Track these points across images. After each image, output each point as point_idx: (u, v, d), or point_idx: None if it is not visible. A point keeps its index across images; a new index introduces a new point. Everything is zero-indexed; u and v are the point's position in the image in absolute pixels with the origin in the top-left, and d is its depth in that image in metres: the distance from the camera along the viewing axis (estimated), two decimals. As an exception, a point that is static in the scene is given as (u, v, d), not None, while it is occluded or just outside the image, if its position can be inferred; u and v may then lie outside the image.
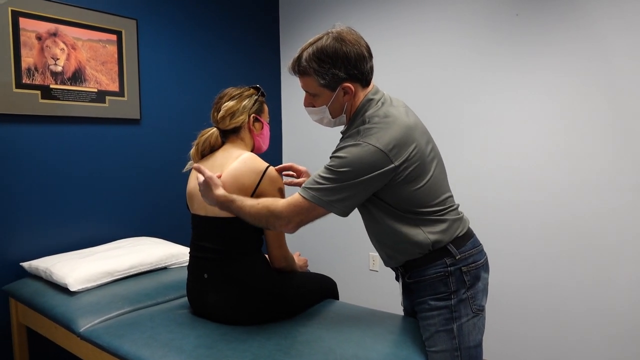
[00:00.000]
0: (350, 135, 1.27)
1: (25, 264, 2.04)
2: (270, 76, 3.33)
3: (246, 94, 1.56)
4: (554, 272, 2.29)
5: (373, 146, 1.20)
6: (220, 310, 1.48)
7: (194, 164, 1.40)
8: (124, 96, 2.45)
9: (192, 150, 1.59)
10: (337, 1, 3.03)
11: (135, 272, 1.96)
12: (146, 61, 2.56)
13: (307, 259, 1.81)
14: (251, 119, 1.55)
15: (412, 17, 2.69)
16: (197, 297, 1.54)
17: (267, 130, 1.63)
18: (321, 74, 1.27)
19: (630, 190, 2.07)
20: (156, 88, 2.62)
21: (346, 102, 1.32)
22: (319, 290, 1.67)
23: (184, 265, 2.12)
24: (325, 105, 1.33)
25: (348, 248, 3.08)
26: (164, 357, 1.30)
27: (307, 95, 1.36)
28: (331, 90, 1.30)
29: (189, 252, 1.58)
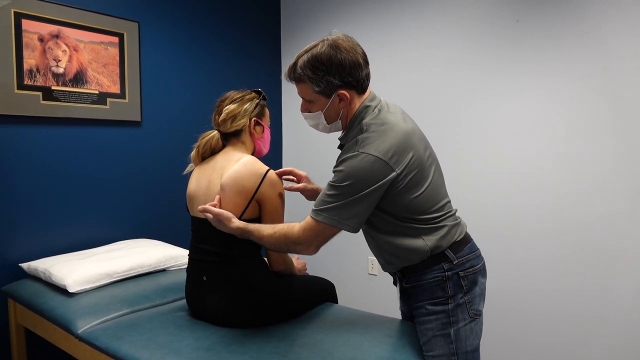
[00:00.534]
0: (349, 146, 1.27)
1: (24, 265, 2.04)
2: (271, 80, 3.35)
3: (248, 97, 1.57)
4: (553, 277, 2.29)
5: (372, 156, 1.20)
6: (219, 312, 1.48)
7: (199, 207, 1.42)
8: (125, 98, 2.46)
9: (193, 152, 1.60)
10: (338, 5, 3.05)
11: (134, 274, 1.97)
12: (147, 63, 2.58)
13: (306, 263, 1.81)
14: (252, 123, 1.56)
15: (414, 22, 2.71)
16: (195, 300, 1.55)
17: (268, 133, 1.64)
18: (316, 81, 1.27)
19: (630, 195, 2.08)
20: (157, 90, 2.63)
21: (342, 109, 1.33)
22: (317, 293, 1.68)
23: (183, 267, 2.12)
24: (320, 112, 1.34)
25: (347, 252, 3.08)
26: (162, 359, 1.30)
27: (303, 101, 1.37)
28: (326, 97, 1.30)
29: (188, 255, 1.58)
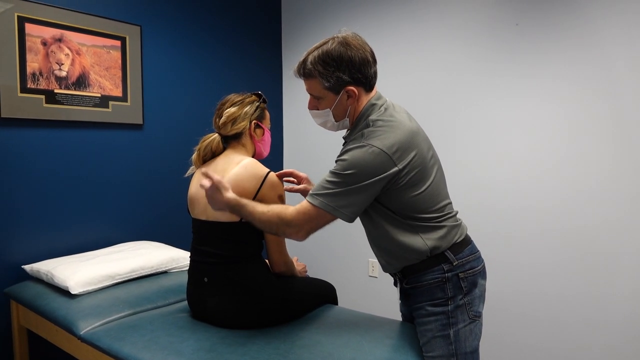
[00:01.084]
0: (354, 139, 1.29)
1: (27, 267, 2.05)
2: (273, 82, 3.36)
3: (248, 100, 1.58)
4: (553, 280, 2.29)
5: (377, 148, 1.21)
6: (220, 314, 1.49)
7: (202, 169, 1.39)
8: (127, 101, 2.48)
9: (194, 155, 1.61)
10: (339, 7, 3.07)
11: (136, 276, 1.98)
12: (149, 67, 2.59)
13: (306, 265, 1.82)
14: (252, 125, 1.57)
15: (414, 25, 2.72)
16: (197, 301, 1.55)
17: (268, 136, 1.65)
18: (326, 76, 1.29)
19: (631, 198, 2.08)
20: (159, 93, 2.65)
21: (349, 106, 1.34)
22: (318, 295, 1.68)
23: (185, 269, 2.13)
24: (329, 109, 1.35)
25: (347, 254, 3.09)
26: (163, 360, 1.31)
27: (311, 98, 1.39)
28: (335, 93, 1.32)
29: (190, 257, 1.59)
